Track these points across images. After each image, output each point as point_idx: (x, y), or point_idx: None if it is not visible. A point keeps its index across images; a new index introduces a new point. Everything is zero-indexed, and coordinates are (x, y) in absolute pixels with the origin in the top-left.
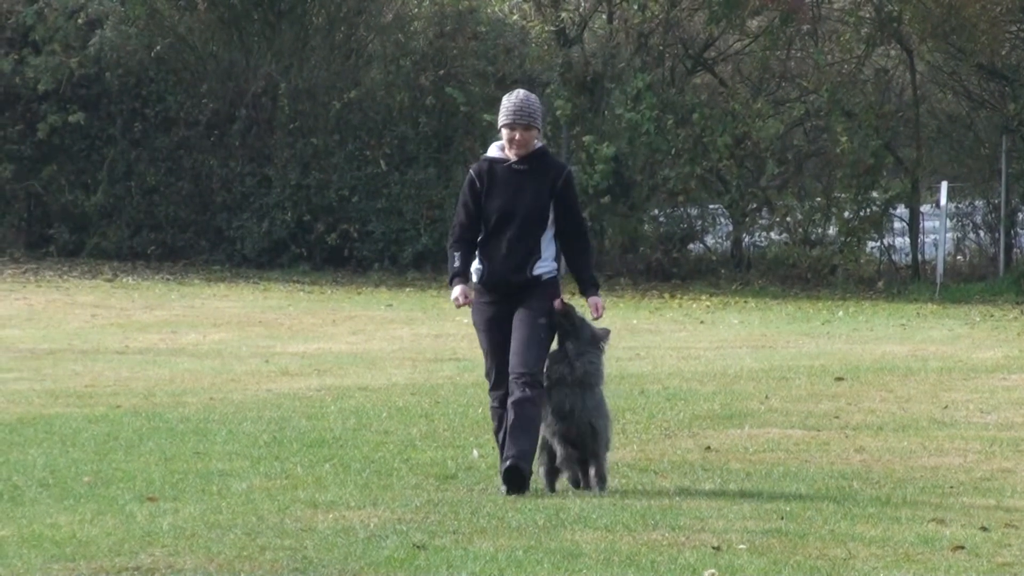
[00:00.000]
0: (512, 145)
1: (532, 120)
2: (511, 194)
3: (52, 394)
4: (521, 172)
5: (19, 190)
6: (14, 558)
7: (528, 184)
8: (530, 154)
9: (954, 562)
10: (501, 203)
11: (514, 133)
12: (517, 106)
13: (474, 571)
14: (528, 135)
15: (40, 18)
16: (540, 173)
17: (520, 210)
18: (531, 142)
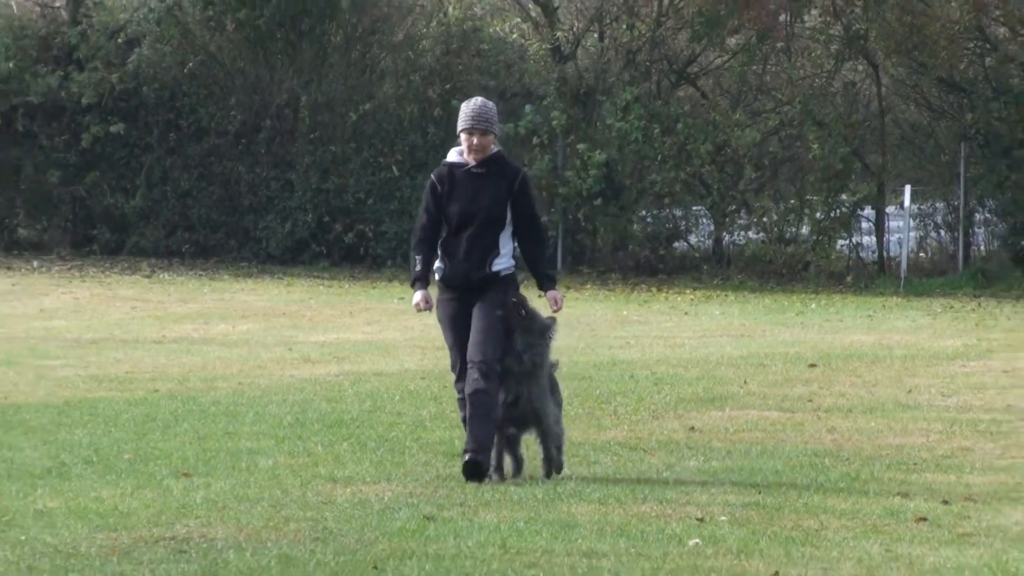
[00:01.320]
0: (470, 150)
1: (488, 125)
2: (471, 196)
3: (95, 379)
4: (479, 175)
5: (65, 194)
6: (62, 528)
7: (486, 187)
8: (488, 158)
9: (918, 532)
10: (461, 205)
11: (472, 138)
12: (475, 112)
13: (479, 540)
14: (485, 140)
15: (83, 38)
16: (498, 176)
17: (479, 211)
18: (488, 147)
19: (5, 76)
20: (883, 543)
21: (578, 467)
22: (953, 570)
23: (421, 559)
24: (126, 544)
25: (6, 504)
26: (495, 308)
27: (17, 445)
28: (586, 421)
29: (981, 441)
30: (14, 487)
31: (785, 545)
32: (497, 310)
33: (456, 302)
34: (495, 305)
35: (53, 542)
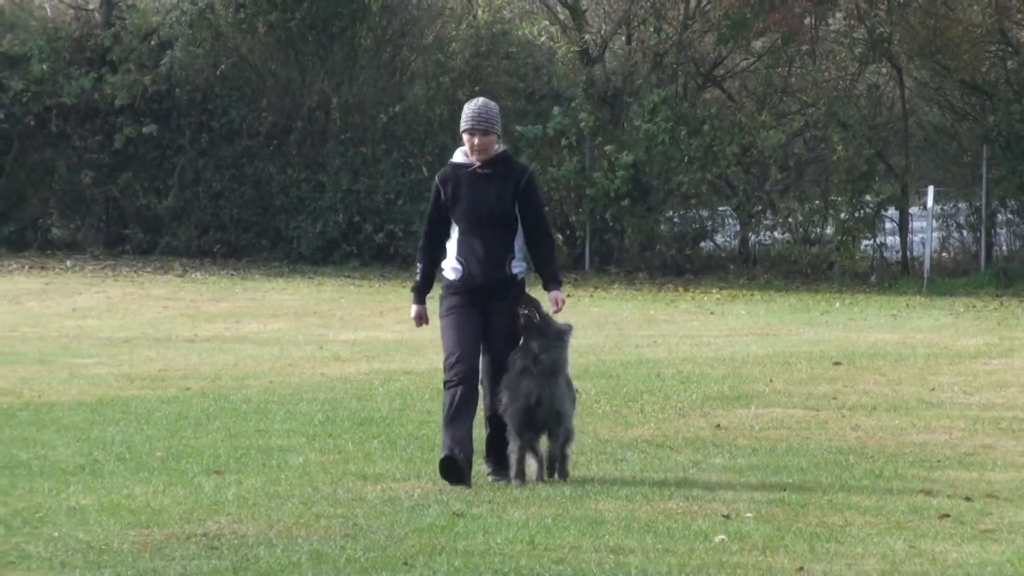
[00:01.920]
0: (472, 150)
1: (490, 126)
2: (478, 197)
3: (128, 378)
4: (485, 176)
5: (98, 194)
6: (95, 525)
7: (492, 187)
8: (493, 158)
9: (941, 529)
10: (468, 206)
11: (473, 138)
12: (476, 113)
13: (507, 537)
14: (487, 140)
15: (117, 40)
16: (503, 176)
17: (488, 212)
18: (491, 146)
19: (39, 78)
20: (907, 539)
21: (605, 464)
22: (976, 566)
23: (450, 555)
24: (158, 540)
25: (40, 501)
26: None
27: (50, 442)
28: (613, 419)
29: (1003, 439)
30: (47, 484)
31: (810, 541)
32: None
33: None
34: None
35: (86, 538)
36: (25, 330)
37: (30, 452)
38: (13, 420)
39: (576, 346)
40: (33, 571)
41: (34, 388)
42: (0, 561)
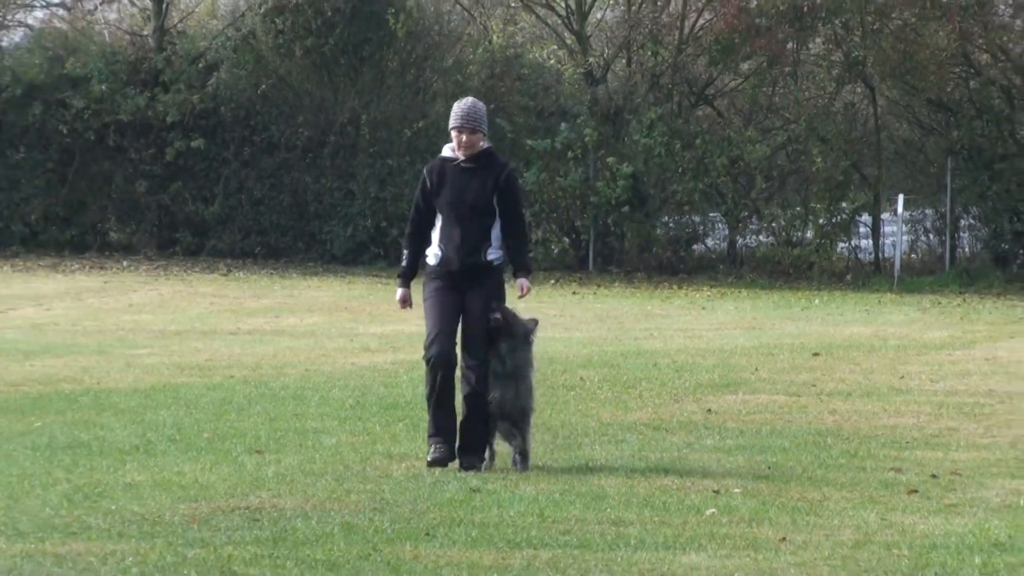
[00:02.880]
0: (460, 146)
1: (477, 124)
2: (460, 189)
3: (178, 367)
4: (469, 170)
5: (151, 202)
6: (148, 499)
7: (474, 180)
8: (477, 154)
9: (909, 503)
10: (451, 196)
11: (461, 135)
12: (464, 112)
13: (519, 510)
14: (474, 137)
15: (168, 63)
16: (485, 171)
17: (468, 203)
18: (477, 144)
19: (99, 97)
20: (879, 512)
21: (607, 445)
22: (941, 536)
23: (468, 526)
24: (205, 513)
25: (98, 477)
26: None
27: (108, 425)
28: (614, 403)
29: (966, 422)
30: (105, 462)
31: (792, 514)
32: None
33: (446, 284)
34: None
35: (140, 511)
36: (86, 324)
37: (90, 433)
38: (75, 405)
39: (580, 338)
40: (93, 541)
41: (94, 376)
42: (63, 532)
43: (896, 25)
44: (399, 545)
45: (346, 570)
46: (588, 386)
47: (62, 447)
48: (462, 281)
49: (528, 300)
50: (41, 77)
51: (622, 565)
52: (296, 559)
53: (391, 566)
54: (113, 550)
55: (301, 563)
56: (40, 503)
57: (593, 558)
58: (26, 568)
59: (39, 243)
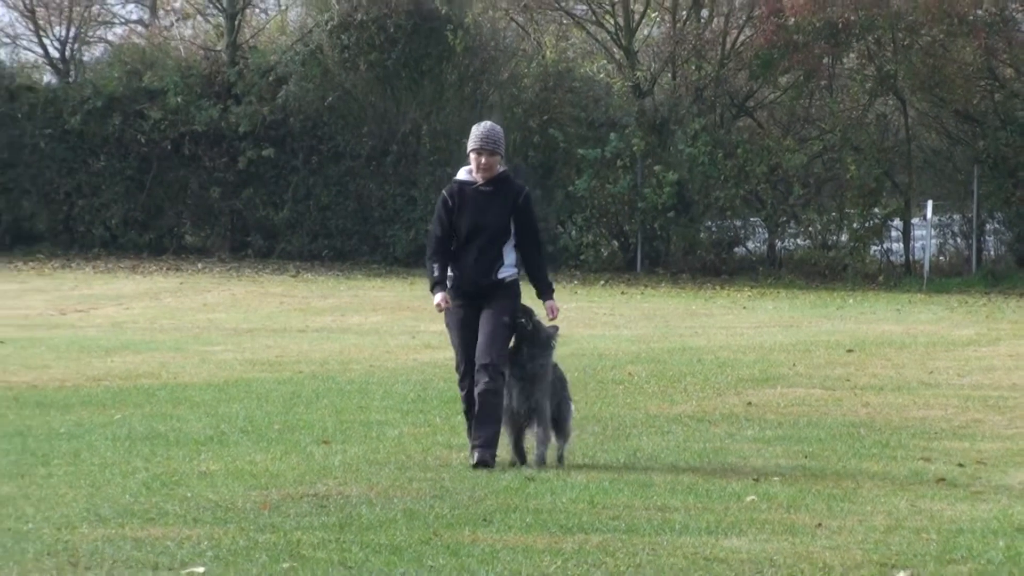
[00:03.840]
0: (478, 168)
1: (495, 147)
2: (478, 212)
3: (250, 362)
4: (487, 193)
5: (224, 207)
6: (222, 487)
7: (493, 203)
8: (494, 177)
9: (938, 491)
10: (470, 219)
11: (480, 158)
12: (483, 135)
13: (571, 497)
14: (492, 160)
15: (240, 77)
16: (503, 194)
17: (486, 225)
18: (495, 166)
19: (175, 109)
20: (908, 499)
21: (654, 436)
22: (967, 522)
23: (523, 513)
24: (275, 500)
25: (175, 466)
26: (502, 315)
27: (184, 417)
28: (660, 397)
29: (991, 414)
30: (181, 452)
31: (827, 501)
32: (504, 316)
33: (464, 308)
34: (502, 312)
35: (214, 498)
36: (163, 322)
37: (167, 425)
38: (153, 398)
39: (629, 336)
40: (170, 526)
41: (171, 371)
42: (142, 517)
43: (925, 41)
44: (458, 530)
45: (408, 554)
46: (636, 381)
47: (141, 438)
48: (478, 299)
49: (579, 299)
50: (120, 90)
51: (667, 549)
52: (361, 543)
53: (451, 550)
54: (189, 535)
55: (366, 547)
56: (120, 490)
57: (640, 542)
58: (107, 551)
59: (119, 246)
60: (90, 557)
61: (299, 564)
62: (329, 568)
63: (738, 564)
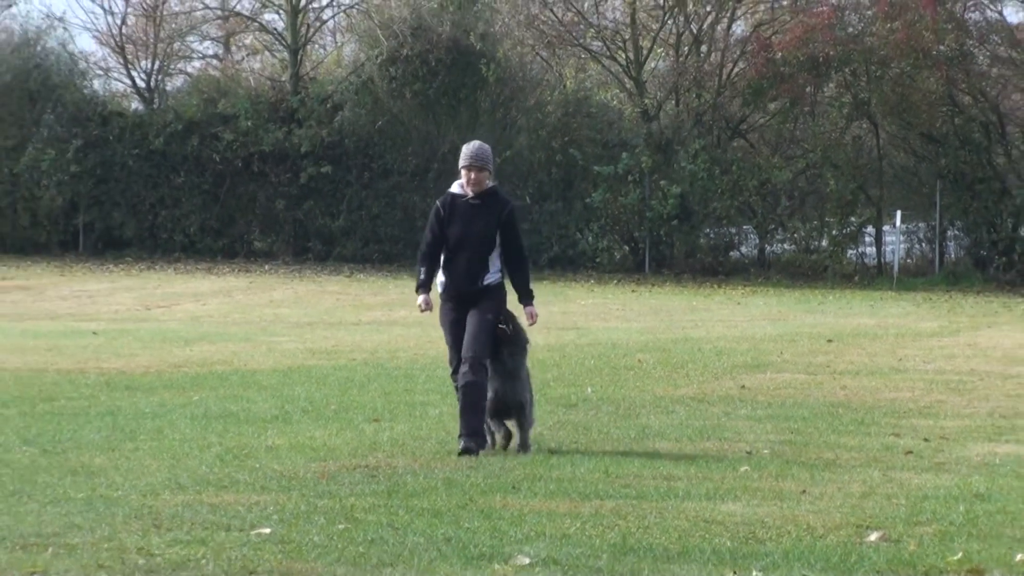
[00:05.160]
0: (469, 183)
1: (484, 164)
2: (467, 223)
3: (310, 352)
4: (475, 206)
5: (288, 217)
6: (286, 459)
7: (480, 216)
8: (484, 192)
9: (906, 462)
10: (459, 230)
11: (470, 173)
12: (473, 152)
13: (588, 467)
14: (481, 175)
15: (302, 103)
16: (490, 207)
17: (474, 236)
18: (484, 181)
19: (245, 131)
20: (881, 469)
21: (660, 415)
22: (932, 489)
23: (547, 481)
24: (332, 470)
25: (245, 441)
26: (486, 313)
27: (253, 399)
28: (665, 381)
29: (952, 396)
30: (251, 429)
31: (810, 471)
32: (488, 315)
33: (454, 311)
34: (487, 311)
35: (279, 469)
36: (235, 316)
37: (238, 406)
38: (226, 382)
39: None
40: (241, 493)
41: (241, 359)
42: (216, 485)
43: (895, 73)
44: (491, 496)
45: (447, 517)
46: (644, 367)
47: (215, 416)
48: (467, 302)
49: (595, 296)
50: (198, 115)
51: (672, 512)
52: (407, 508)
53: (484, 513)
54: (257, 500)
55: (411, 511)
56: (197, 462)
57: (649, 507)
58: (186, 515)
59: (196, 250)
60: (171, 520)
61: (353, 526)
62: (379, 529)
63: (733, 526)
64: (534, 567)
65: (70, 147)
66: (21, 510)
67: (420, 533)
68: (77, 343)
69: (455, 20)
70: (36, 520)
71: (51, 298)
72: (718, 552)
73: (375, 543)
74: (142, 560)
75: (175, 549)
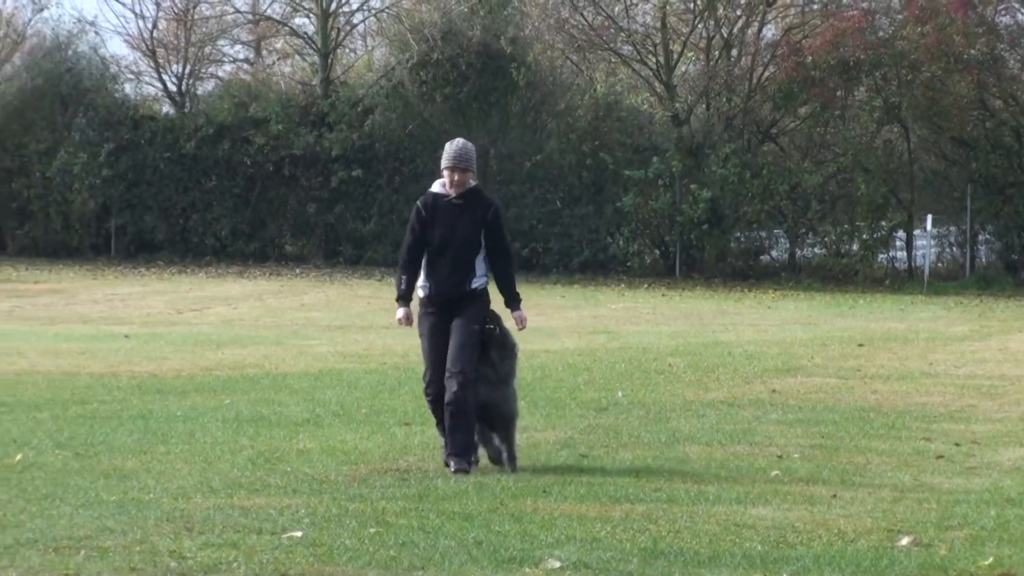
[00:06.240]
0: (451, 184)
1: (467, 164)
2: (450, 224)
3: (341, 355)
4: (458, 206)
5: (319, 221)
6: (317, 463)
7: (464, 216)
8: (467, 191)
9: (937, 466)
10: (442, 231)
11: (453, 174)
12: (455, 153)
13: (619, 471)
14: (464, 176)
15: (332, 107)
16: (473, 207)
17: (458, 237)
18: (467, 182)
19: (276, 135)
20: (911, 474)
21: (691, 419)
22: (963, 493)
23: (577, 485)
24: (363, 473)
25: (276, 444)
26: (472, 324)
27: (284, 402)
28: (696, 385)
29: (983, 400)
30: (282, 432)
31: (841, 475)
32: (474, 325)
33: (436, 316)
34: (472, 321)
35: (311, 472)
36: (266, 320)
37: (270, 409)
38: (257, 386)
39: (668, 332)
40: (272, 496)
41: (272, 362)
42: (248, 489)
43: (926, 77)
44: (522, 500)
45: (478, 520)
46: (674, 370)
47: (247, 420)
48: (451, 309)
49: (626, 300)
50: (229, 119)
51: (703, 517)
52: (438, 511)
53: (515, 517)
54: (288, 504)
55: (442, 514)
56: (229, 465)
57: (679, 511)
58: (218, 518)
59: (228, 254)
60: (203, 523)
61: (384, 529)
62: (410, 532)
63: (764, 530)
64: (564, 571)
65: (102, 151)
66: (53, 513)
67: (451, 537)
68: (109, 346)
69: (485, 24)
70: (68, 523)
71: (83, 301)
72: (748, 556)
73: (406, 546)
74: (174, 563)
75: (207, 552)
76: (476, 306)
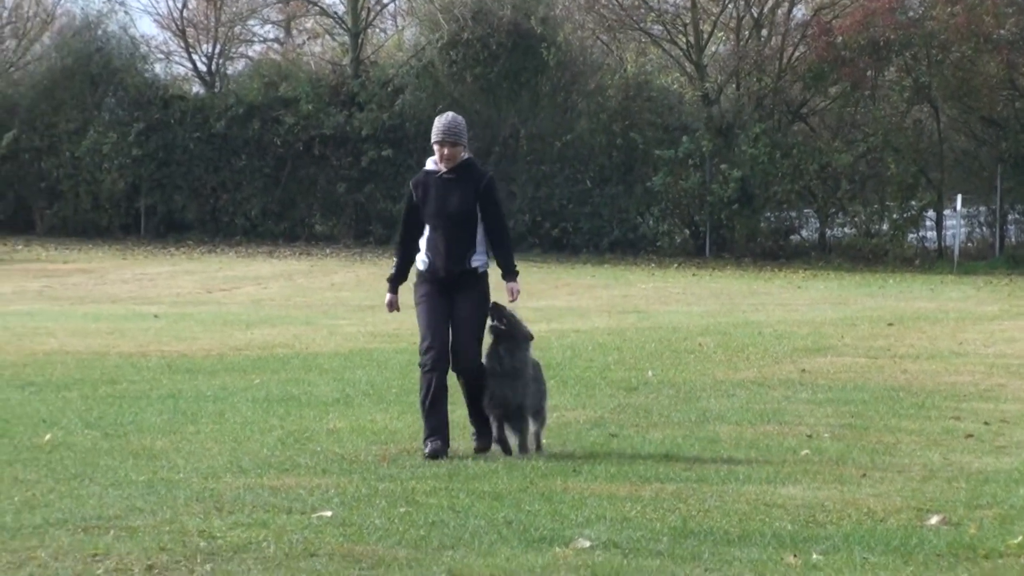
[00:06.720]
0: (441, 159)
1: (457, 138)
2: (443, 199)
3: (372, 335)
4: (450, 181)
5: (349, 201)
6: (347, 442)
7: (456, 190)
8: (458, 165)
9: (967, 445)
10: (436, 207)
11: (443, 149)
12: (445, 127)
13: (649, 451)
14: (454, 150)
15: (363, 87)
16: (466, 181)
17: (452, 212)
18: (457, 156)
19: (306, 115)
20: (941, 453)
21: (721, 398)
22: (992, 472)
23: (607, 464)
24: (393, 453)
25: (307, 424)
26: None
27: (314, 382)
28: (726, 364)
29: (1013, 379)
30: (312, 412)
31: (871, 454)
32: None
33: (435, 293)
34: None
35: (340, 452)
36: (296, 300)
37: (300, 389)
38: (287, 365)
39: (699, 312)
40: (302, 476)
41: (303, 342)
42: (278, 468)
43: (955, 56)
44: (552, 479)
45: (508, 500)
46: (705, 350)
47: (276, 400)
48: (450, 286)
49: (656, 280)
50: (259, 99)
51: (732, 496)
52: (467, 491)
53: (545, 496)
54: (318, 483)
55: (471, 494)
56: (259, 445)
57: (709, 490)
58: (248, 498)
59: (258, 234)
60: (233, 502)
61: (414, 509)
62: (440, 512)
63: (794, 509)
64: (594, 550)
65: (131, 130)
66: (83, 493)
67: (481, 516)
68: (139, 326)
69: (515, 4)
70: (98, 503)
71: (113, 281)
72: (778, 535)
73: (436, 526)
74: (203, 543)
75: (236, 532)
76: (476, 290)
